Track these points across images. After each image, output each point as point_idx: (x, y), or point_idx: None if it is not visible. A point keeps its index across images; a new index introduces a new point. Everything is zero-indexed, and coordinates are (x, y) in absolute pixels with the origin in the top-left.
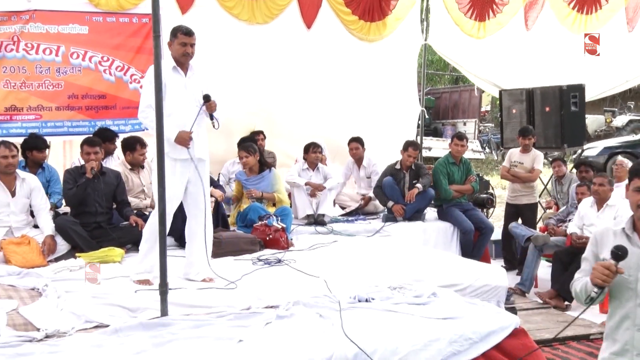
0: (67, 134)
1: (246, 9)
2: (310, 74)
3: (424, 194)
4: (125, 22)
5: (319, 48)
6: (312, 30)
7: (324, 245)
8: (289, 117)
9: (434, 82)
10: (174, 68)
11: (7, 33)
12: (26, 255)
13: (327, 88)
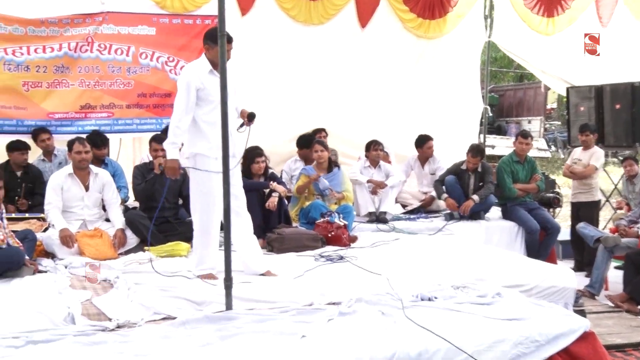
0: (136, 131)
1: (303, 10)
2: (366, 73)
3: (487, 201)
4: (190, 23)
5: (374, 47)
6: (367, 30)
7: (385, 243)
8: (347, 116)
9: (497, 80)
10: (210, 71)
11: (82, 34)
12: (99, 247)
13: (385, 86)
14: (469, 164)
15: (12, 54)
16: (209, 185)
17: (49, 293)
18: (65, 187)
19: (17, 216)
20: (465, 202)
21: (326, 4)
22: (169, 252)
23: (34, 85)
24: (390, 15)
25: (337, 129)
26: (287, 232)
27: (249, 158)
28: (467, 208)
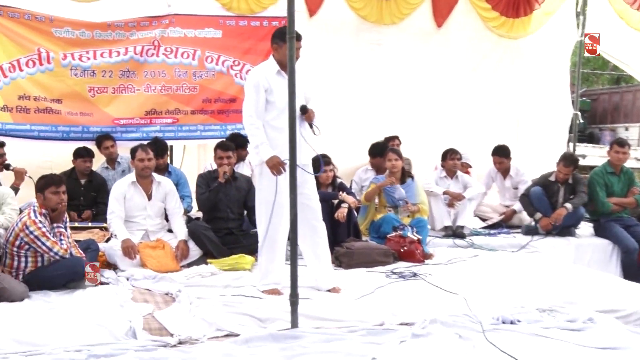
0: (200, 138)
1: (375, 9)
2: (442, 76)
3: (576, 214)
4: (256, 25)
5: (451, 48)
6: (443, 29)
7: (463, 260)
8: (422, 122)
9: (590, 83)
10: (278, 72)
11: (148, 38)
12: (161, 259)
13: (462, 90)
14: (559, 175)
15: (78, 59)
16: (280, 195)
17: (111, 306)
18: (128, 196)
19: (80, 225)
20: (557, 211)
21: (400, 2)
22: (232, 265)
23: (100, 90)
24: (469, 13)
25: (410, 136)
26: (356, 247)
27: (316, 166)
28: (559, 217)
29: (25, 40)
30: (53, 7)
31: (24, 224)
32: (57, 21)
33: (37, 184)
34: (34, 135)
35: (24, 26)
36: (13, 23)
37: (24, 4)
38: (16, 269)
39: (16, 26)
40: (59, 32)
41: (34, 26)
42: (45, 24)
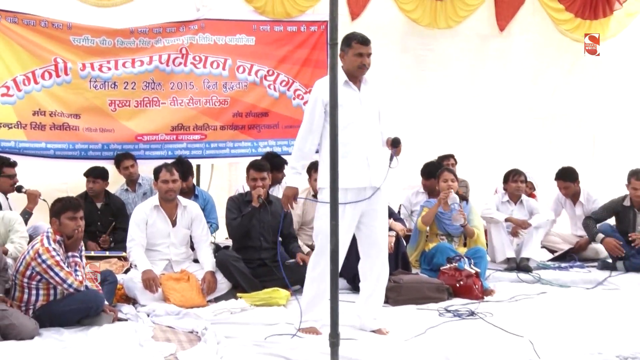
0: (229, 156)
1: (428, 11)
2: (504, 86)
3: None
4: (293, 30)
5: (515, 53)
6: (505, 33)
7: (528, 297)
8: (480, 139)
9: None
10: (345, 82)
11: (175, 45)
12: (185, 293)
13: (528, 102)
14: (634, 193)
15: (98, 69)
16: None
17: (130, 345)
18: (149, 222)
19: (96, 254)
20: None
21: (457, 3)
22: (265, 300)
23: (122, 104)
24: (537, 14)
25: (467, 155)
26: (405, 280)
27: None
28: (620, 252)
29: (41, 49)
30: (71, 13)
31: (36, 252)
32: (75, 28)
33: (53, 207)
34: (49, 154)
35: (40, 34)
36: (28, 31)
37: (40, 10)
38: (26, 303)
39: (31, 34)
40: (77, 40)
41: (50, 34)
42: (63, 32)
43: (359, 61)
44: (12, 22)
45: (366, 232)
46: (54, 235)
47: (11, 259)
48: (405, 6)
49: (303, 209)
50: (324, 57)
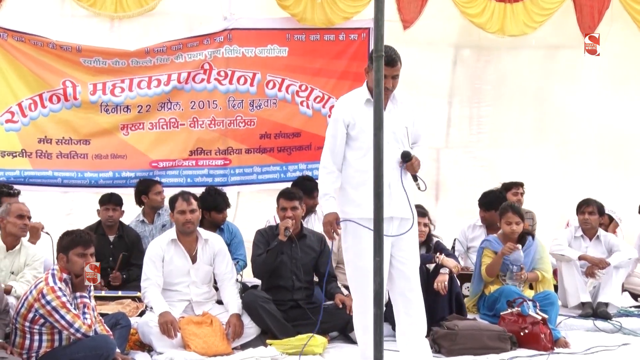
0: (257, 182)
1: (497, 16)
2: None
3: None
4: (330, 40)
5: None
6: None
7: (608, 349)
8: (548, 162)
9: None
10: (367, 101)
11: (197, 61)
12: (208, 339)
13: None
14: None
15: (110, 92)
16: (364, 258)
17: None
18: (167, 258)
19: (107, 295)
20: None
21: (530, 7)
22: (299, 347)
23: (135, 127)
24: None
25: (534, 182)
26: (461, 327)
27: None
28: None
29: (50, 70)
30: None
31: (40, 292)
32: (85, 51)
33: (61, 242)
34: (56, 182)
35: (48, 54)
36: (36, 51)
37: (47, 32)
38: (28, 350)
39: (39, 54)
40: (88, 62)
41: (59, 54)
42: (72, 54)
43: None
44: (19, 41)
45: (395, 264)
46: (60, 273)
47: (14, 298)
48: (469, 10)
49: (338, 245)
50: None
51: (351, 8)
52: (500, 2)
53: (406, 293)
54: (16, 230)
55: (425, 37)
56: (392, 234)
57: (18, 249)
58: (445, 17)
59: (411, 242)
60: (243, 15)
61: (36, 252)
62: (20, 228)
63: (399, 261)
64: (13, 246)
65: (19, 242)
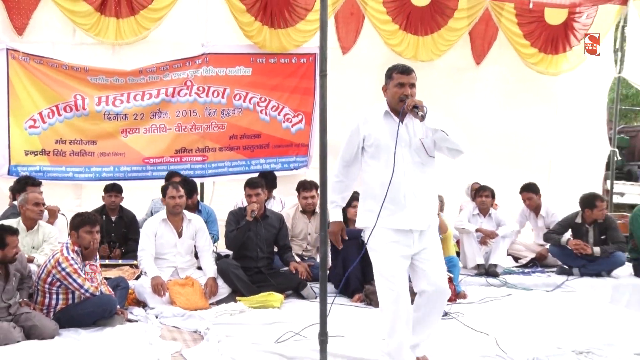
0: (227, 174)
1: (412, 46)
2: (480, 111)
3: (611, 259)
4: (285, 62)
5: (490, 83)
6: (483, 65)
7: (496, 299)
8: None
9: (628, 119)
10: (386, 113)
11: (181, 79)
12: (190, 297)
13: (499, 126)
14: (592, 215)
15: (111, 104)
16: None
17: (140, 343)
18: (158, 234)
19: (110, 263)
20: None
21: (437, 39)
22: (261, 303)
23: (132, 131)
24: (507, 50)
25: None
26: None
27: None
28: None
29: (63, 86)
30: (88, 58)
31: (57, 261)
32: (91, 71)
33: (73, 221)
34: (68, 176)
35: (62, 74)
36: (52, 71)
37: (61, 56)
38: (47, 307)
39: (55, 74)
40: (93, 79)
41: (70, 74)
42: (81, 73)
43: (400, 92)
44: (39, 64)
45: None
46: (72, 246)
47: (35, 266)
48: (391, 41)
49: (292, 222)
50: (311, 85)
51: (301, 38)
52: (414, 35)
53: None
54: (34, 215)
55: (359, 60)
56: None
57: (36, 229)
58: (374, 46)
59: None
60: (217, 42)
61: (51, 230)
62: (37, 213)
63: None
64: (32, 227)
65: (36, 224)
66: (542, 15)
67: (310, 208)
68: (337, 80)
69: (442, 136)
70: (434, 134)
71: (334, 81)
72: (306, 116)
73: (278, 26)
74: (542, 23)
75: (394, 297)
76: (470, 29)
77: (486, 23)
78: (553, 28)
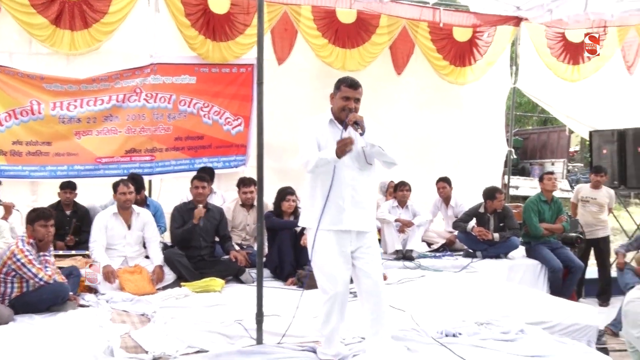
0: (173, 172)
1: (340, 57)
2: (400, 116)
3: (508, 243)
4: (226, 72)
5: (410, 91)
6: (403, 75)
7: (411, 280)
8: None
9: (522, 124)
10: (330, 121)
11: (131, 86)
12: (138, 283)
13: (416, 129)
14: (492, 205)
15: (66, 109)
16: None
17: (91, 327)
18: (109, 226)
19: (64, 253)
20: (486, 233)
21: (362, 52)
22: (204, 287)
23: (85, 133)
24: (423, 62)
25: None
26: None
27: (281, 196)
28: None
29: (20, 92)
30: (44, 67)
31: (12, 253)
32: (47, 78)
33: (28, 216)
34: (25, 174)
35: (19, 81)
36: (10, 78)
37: (18, 65)
38: (2, 294)
39: (12, 81)
40: (49, 87)
41: (27, 82)
42: (37, 80)
43: (344, 104)
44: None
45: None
46: (27, 238)
47: None
48: (321, 53)
49: (232, 215)
50: (249, 92)
51: (240, 50)
52: (342, 48)
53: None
54: None
55: (293, 70)
56: (351, 246)
57: None
58: (306, 57)
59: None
60: (164, 54)
61: (2, 224)
62: None
63: (361, 262)
64: None
65: None
66: (451, 33)
67: (249, 202)
68: (273, 88)
69: (379, 151)
70: (371, 148)
71: (270, 89)
72: (245, 120)
73: (220, 39)
74: (452, 39)
75: (332, 295)
76: (390, 43)
77: (404, 39)
78: (461, 44)
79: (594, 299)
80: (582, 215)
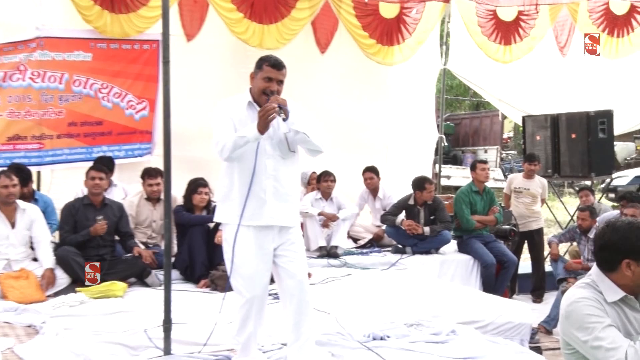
0: (66, 162)
1: (257, 34)
2: (324, 99)
3: (439, 237)
4: (127, 48)
5: (334, 72)
6: (327, 55)
7: (336, 279)
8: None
9: (453, 108)
10: (249, 104)
11: (13, 62)
12: (24, 290)
13: (341, 113)
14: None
15: None
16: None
17: None
18: None
19: None
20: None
21: (281, 28)
22: (103, 292)
23: None
24: (349, 40)
25: None
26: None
27: (191, 188)
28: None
29: None
30: None
31: None
32: None
33: None
34: None
35: None
36: None
37: None
38: None
39: None
40: None
41: None
42: None
43: (266, 86)
44: None
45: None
46: None
47: None
48: (236, 29)
49: (136, 210)
50: (155, 72)
51: (143, 23)
52: (259, 24)
53: (292, 289)
54: None
55: (205, 48)
56: (273, 242)
57: None
58: (219, 34)
59: (297, 244)
60: (53, 25)
61: None
62: None
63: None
64: None
65: None
66: (377, 8)
67: (155, 195)
68: (182, 67)
69: (303, 138)
70: (295, 135)
71: (178, 68)
72: (150, 103)
73: (119, 11)
74: (378, 16)
75: (249, 299)
76: (312, 19)
77: (327, 15)
78: (387, 21)
79: (527, 295)
80: (515, 206)
